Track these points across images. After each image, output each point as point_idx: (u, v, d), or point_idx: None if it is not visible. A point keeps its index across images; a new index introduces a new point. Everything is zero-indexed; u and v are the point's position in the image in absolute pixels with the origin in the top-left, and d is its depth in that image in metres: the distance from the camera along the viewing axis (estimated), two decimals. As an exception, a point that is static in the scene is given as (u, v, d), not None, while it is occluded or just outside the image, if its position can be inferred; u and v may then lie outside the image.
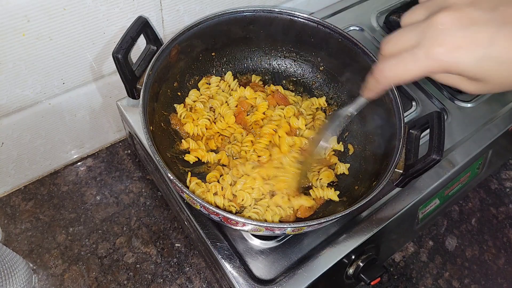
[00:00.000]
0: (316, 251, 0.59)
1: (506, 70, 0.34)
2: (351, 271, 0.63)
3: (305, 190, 0.64)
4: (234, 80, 0.72)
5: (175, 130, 0.66)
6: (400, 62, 0.38)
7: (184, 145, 0.65)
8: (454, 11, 0.35)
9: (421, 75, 0.37)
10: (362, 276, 0.62)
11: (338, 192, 0.63)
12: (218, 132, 0.67)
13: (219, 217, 0.50)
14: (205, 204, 0.49)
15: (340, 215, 0.50)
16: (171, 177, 0.50)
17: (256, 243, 0.59)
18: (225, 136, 0.67)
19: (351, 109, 0.55)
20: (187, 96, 0.69)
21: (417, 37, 0.36)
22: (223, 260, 0.57)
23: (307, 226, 0.50)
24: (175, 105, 0.67)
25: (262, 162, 0.64)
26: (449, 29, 0.35)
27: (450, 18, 0.35)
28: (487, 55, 0.34)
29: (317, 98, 0.73)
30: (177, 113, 0.67)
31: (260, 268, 0.57)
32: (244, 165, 0.63)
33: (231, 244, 0.59)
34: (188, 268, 0.70)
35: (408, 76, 0.38)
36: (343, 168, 0.66)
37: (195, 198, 0.49)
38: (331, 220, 0.50)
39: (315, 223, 0.50)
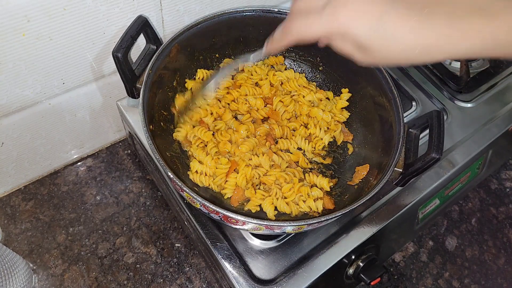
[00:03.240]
0: (316, 251, 0.59)
1: (390, 46, 0.37)
2: (351, 271, 0.63)
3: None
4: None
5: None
6: (306, 20, 0.40)
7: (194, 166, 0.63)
8: None
9: (322, 35, 0.40)
10: (362, 276, 0.62)
11: (331, 183, 0.63)
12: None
13: (219, 216, 0.50)
14: (205, 203, 0.49)
15: (340, 213, 0.50)
16: (171, 176, 0.50)
17: (256, 243, 0.59)
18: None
19: (251, 58, 0.55)
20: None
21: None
22: (223, 260, 0.57)
23: (307, 224, 0.50)
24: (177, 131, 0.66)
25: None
26: None
27: None
28: (376, 27, 0.37)
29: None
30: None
31: (260, 268, 0.57)
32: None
33: (231, 244, 0.59)
34: (188, 268, 0.70)
35: (311, 34, 0.40)
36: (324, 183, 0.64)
37: (195, 197, 0.49)
38: (331, 218, 0.50)
39: (315, 221, 0.50)
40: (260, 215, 0.60)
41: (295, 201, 0.61)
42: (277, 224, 0.50)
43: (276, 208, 0.60)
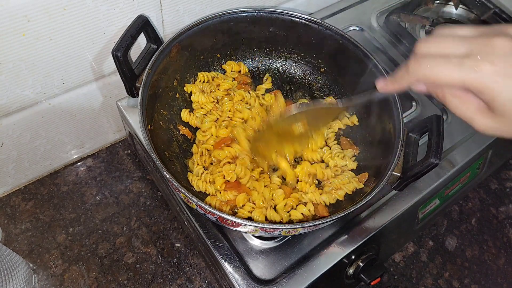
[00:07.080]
0: (316, 251, 0.59)
1: None
2: (351, 271, 0.63)
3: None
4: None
5: (176, 128, 0.66)
6: (445, 64, 0.37)
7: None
8: None
9: (456, 84, 0.37)
10: (362, 276, 0.62)
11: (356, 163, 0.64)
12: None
13: (215, 217, 0.50)
14: (201, 204, 0.49)
15: (336, 217, 0.50)
16: (167, 176, 0.49)
17: (256, 243, 0.59)
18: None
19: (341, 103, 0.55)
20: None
21: (467, 49, 0.37)
22: (223, 260, 0.57)
23: (303, 227, 0.50)
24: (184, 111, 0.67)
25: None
26: (504, 55, 0.35)
27: (510, 46, 0.35)
28: None
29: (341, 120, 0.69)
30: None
31: (260, 268, 0.57)
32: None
33: (231, 244, 0.59)
34: (188, 268, 0.70)
35: (445, 80, 0.37)
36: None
37: (191, 198, 0.49)
38: (326, 222, 0.50)
39: (310, 224, 0.49)
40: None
41: (285, 209, 0.59)
42: (272, 227, 0.50)
43: (266, 218, 0.59)
